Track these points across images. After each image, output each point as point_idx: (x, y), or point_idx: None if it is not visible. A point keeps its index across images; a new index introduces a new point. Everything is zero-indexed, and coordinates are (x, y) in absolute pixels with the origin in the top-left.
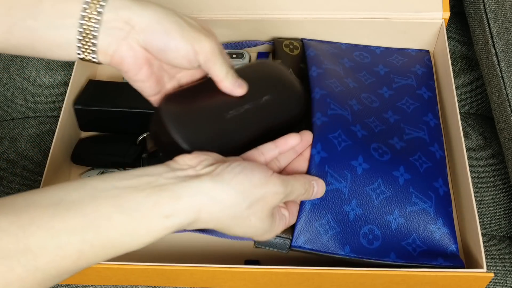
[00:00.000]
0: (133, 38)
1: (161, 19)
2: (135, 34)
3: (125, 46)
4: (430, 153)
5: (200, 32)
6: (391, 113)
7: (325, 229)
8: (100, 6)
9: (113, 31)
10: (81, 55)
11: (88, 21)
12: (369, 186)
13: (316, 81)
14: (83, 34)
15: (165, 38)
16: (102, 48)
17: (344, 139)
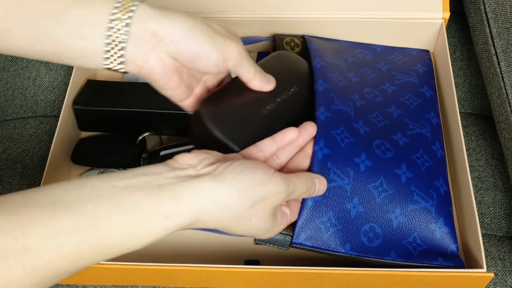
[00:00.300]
0: (162, 50)
1: (190, 29)
2: (164, 45)
3: (154, 57)
4: (431, 151)
5: (228, 38)
6: (394, 108)
7: (326, 227)
8: (128, 17)
9: (142, 43)
10: (109, 65)
11: (116, 32)
12: (372, 183)
13: (320, 73)
14: (111, 45)
15: (195, 48)
16: (130, 59)
17: (347, 136)
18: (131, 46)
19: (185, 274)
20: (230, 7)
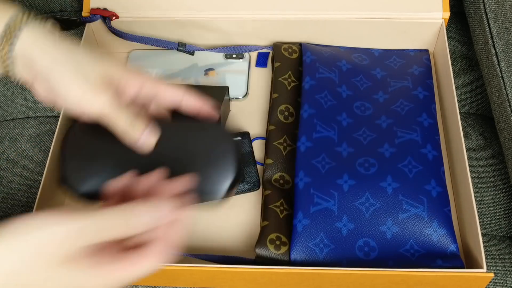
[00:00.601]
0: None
1: (57, 68)
2: (38, 76)
3: (38, 81)
4: (421, 156)
5: (94, 90)
6: (384, 118)
7: (320, 248)
8: (11, 44)
9: (25, 68)
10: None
11: (4, 55)
12: (358, 200)
13: (307, 96)
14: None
15: (57, 91)
16: (21, 77)
17: (328, 161)
18: (18, 67)
19: (185, 274)
20: (230, 6)
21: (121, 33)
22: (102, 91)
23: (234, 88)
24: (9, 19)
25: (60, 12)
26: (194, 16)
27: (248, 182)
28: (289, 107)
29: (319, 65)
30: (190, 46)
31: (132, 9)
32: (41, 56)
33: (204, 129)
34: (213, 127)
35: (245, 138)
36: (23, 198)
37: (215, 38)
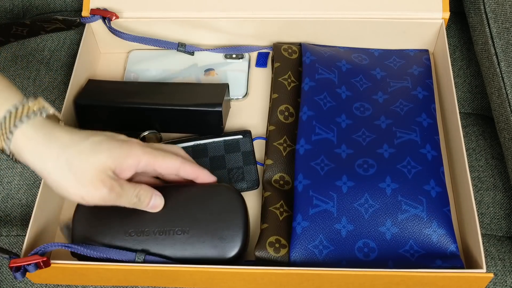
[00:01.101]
0: None
1: (50, 171)
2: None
3: None
4: (420, 156)
5: (89, 185)
6: (383, 119)
7: (319, 250)
8: (5, 143)
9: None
10: None
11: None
12: (357, 202)
13: (306, 97)
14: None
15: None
16: None
17: (327, 163)
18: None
19: (185, 275)
20: (230, 7)
21: (121, 33)
22: (99, 185)
23: (234, 88)
24: (5, 112)
25: (60, 12)
26: (194, 16)
27: (248, 181)
28: (289, 107)
29: (319, 66)
30: (190, 46)
31: (132, 9)
32: (32, 160)
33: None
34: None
35: (246, 136)
36: (23, 198)
37: (215, 38)
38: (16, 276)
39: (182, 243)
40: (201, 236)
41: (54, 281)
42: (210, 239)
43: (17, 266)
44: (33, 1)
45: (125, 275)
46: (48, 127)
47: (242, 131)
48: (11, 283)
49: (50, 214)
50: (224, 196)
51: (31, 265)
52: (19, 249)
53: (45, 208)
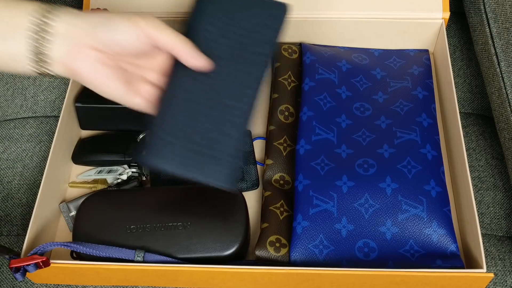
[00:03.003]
0: (82, 42)
1: (107, 16)
2: (82, 37)
3: (75, 51)
4: (420, 156)
5: (140, 14)
6: (383, 118)
7: (320, 249)
8: (48, 18)
9: (62, 40)
10: (35, 67)
11: (39, 32)
12: (357, 202)
13: (306, 98)
14: (34, 45)
15: (108, 23)
16: (56, 58)
17: (327, 163)
18: (52, 44)
19: (185, 275)
20: None
21: None
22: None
23: None
24: (39, 7)
25: None
26: None
27: (248, 181)
28: (289, 107)
29: (319, 66)
30: None
31: (132, 9)
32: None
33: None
34: None
35: (246, 136)
36: (23, 198)
37: None
38: (16, 277)
39: (183, 238)
40: (202, 231)
41: (54, 281)
42: (211, 234)
43: (17, 267)
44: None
45: (125, 275)
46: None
47: None
48: (11, 283)
49: (50, 214)
50: (225, 192)
51: (30, 265)
52: (20, 249)
53: (45, 208)
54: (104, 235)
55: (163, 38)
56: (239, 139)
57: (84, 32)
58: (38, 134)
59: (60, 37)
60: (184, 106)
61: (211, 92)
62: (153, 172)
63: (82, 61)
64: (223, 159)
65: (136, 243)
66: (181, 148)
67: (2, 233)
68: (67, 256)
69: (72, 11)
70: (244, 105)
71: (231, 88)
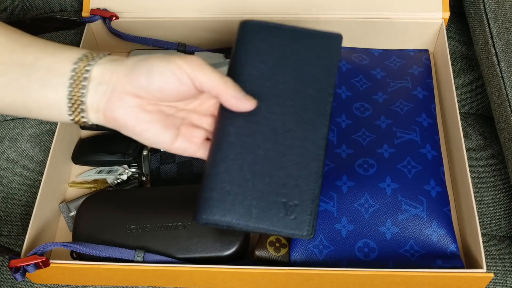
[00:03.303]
0: (120, 89)
1: (140, 59)
2: (120, 83)
3: (114, 99)
4: (420, 156)
5: (179, 55)
6: (383, 118)
7: (320, 250)
8: (89, 65)
9: (101, 87)
10: (72, 115)
11: (77, 79)
12: (357, 202)
13: None
14: (73, 93)
15: (147, 66)
16: (91, 105)
17: (327, 163)
18: (91, 91)
19: (185, 275)
20: (230, 8)
21: (121, 33)
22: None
23: None
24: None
25: (60, 12)
26: (194, 16)
27: None
28: None
29: None
30: (190, 46)
31: (132, 9)
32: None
33: None
34: None
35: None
36: (23, 198)
37: (215, 38)
38: (16, 277)
39: (183, 238)
40: (202, 231)
41: (54, 281)
42: (211, 234)
43: (16, 267)
44: (33, 1)
45: (125, 275)
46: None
47: None
48: (11, 283)
49: (50, 214)
50: None
51: (30, 265)
52: (20, 249)
53: (45, 208)
54: (104, 235)
55: (202, 77)
56: (313, 180)
57: (122, 77)
58: (38, 134)
59: (97, 84)
60: (243, 151)
61: (271, 134)
62: (153, 172)
63: (121, 108)
64: (299, 204)
65: (136, 243)
66: (245, 199)
67: (2, 233)
68: (67, 256)
69: (110, 56)
70: (313, 145)
71: (294, 129)
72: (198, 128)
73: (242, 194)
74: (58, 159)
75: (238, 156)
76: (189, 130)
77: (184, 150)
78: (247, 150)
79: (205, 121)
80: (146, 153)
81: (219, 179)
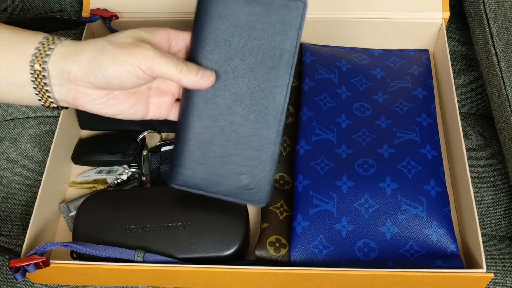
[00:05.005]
0: (83, 87)
1: (93, 59)
2: (80, 82)
3: (80, 95)
4: (420, 155)
5: (131, 48)
6: (383, 118)
7: (320, 250)
8: (43, 62)
9: (63, 83)
10: (45, 105)
11: (38, 77)
12: (357, 202)
13: (306, 98)
14: (38, 89)
15: (102, 71)
16: (60, 99)
17: (327, 163)
18: (55, 87)
19: (185, 275)
20: None
21: None
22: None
23: None
24: (38, 43)
25: (60, 12)
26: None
27: None
28: (289, 107)
29: (319, 66)
30: None
31: (132, 9)
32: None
33: None
34: None
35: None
36: (23, 198)
37: None
38: (16, 277)
39: (183, 238)
40: (202, 231)
41: (54, 281)
42: (211, 234)
43: (17, 267)
44: (33, 1)
45: (125, 275)
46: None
47: None
48: (11, 283)
49: (50, 214)
50: None
51: (30, 265)
52: (20, 249)
53: (45, 208)
54: (104, 235)
55: (157, 70)
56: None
57: (79, 79)
58: (38, 134)
59: (59, 83)
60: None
61: (233, 106)
62: (153, 172)
63: (88, 102)
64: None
65: (136, 243)
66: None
67: (2, 233)
68: (67, 256)
69: (62, 48)
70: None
71: (255, 103)
72: (166, 94)
73: (207, 164)
74: (58, 159)
75: (205, 129)
76: (158, 99)
77: (157, 116)
78: (212, 124)
79: (171, 85)
80: (146, 153)
81: (188, 150)
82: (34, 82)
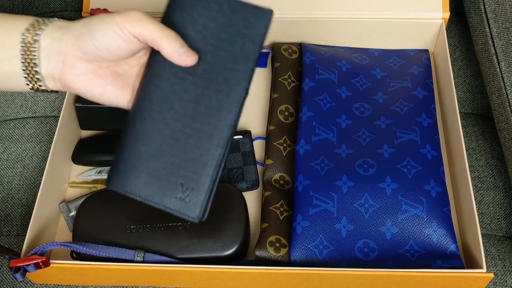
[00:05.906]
0: (71, 57)
1: (83, 24)
2: (69, 50)
3: (67, 67)
4: (420, 156)
5: (119, 12)
6: (383, 119)
7: (320, 250)
8: (36, 34)
9: (53, 56)
10: (30, 85)
11: (27, 50)
12: (357, 202)
13: (306, 98)
14: (25, 64)
15: (89, 31)
16: (46, 75)
17: (327, 163)
18: (43, 61)
19: (185, 275)
20: None
21: None
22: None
23: None
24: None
25: (60, 12)
26: None
27: (247, 181)
28: (289, 107)
29: (319, 66)
30: None
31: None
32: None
33: None
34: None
35: (246, 136)
36: (23, 198)
37: None
38: (16, 277)
39: (183, 238)
40: (202, 231)
41: (54, 281)
42: (211, 234)
43: (17, 267)
44: (33, 1)
45: (125, 275)
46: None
47: (242, 131)
48: (11, 283)
49: (50, 214)
50: (225, 193)
51: (30, 265)
52: (20, 249)
53: (45, 208)
54: (104, 235)
55: (143, 30)
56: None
57: (70, 46)
58: (38, 134)
59: (48, 54)
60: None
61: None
62: None
63: (74, 76)
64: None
65: (136, 243)
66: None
67: (2, 233)
68: (67, 256)
69: (57, 22)
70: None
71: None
72: None
73: (145, 170)
74: (58, 159)
75: (148, 132)
76: None
77: None
78: (156, 128)
79: None
80: None
81: (128, 153)
82: (23, 56)
